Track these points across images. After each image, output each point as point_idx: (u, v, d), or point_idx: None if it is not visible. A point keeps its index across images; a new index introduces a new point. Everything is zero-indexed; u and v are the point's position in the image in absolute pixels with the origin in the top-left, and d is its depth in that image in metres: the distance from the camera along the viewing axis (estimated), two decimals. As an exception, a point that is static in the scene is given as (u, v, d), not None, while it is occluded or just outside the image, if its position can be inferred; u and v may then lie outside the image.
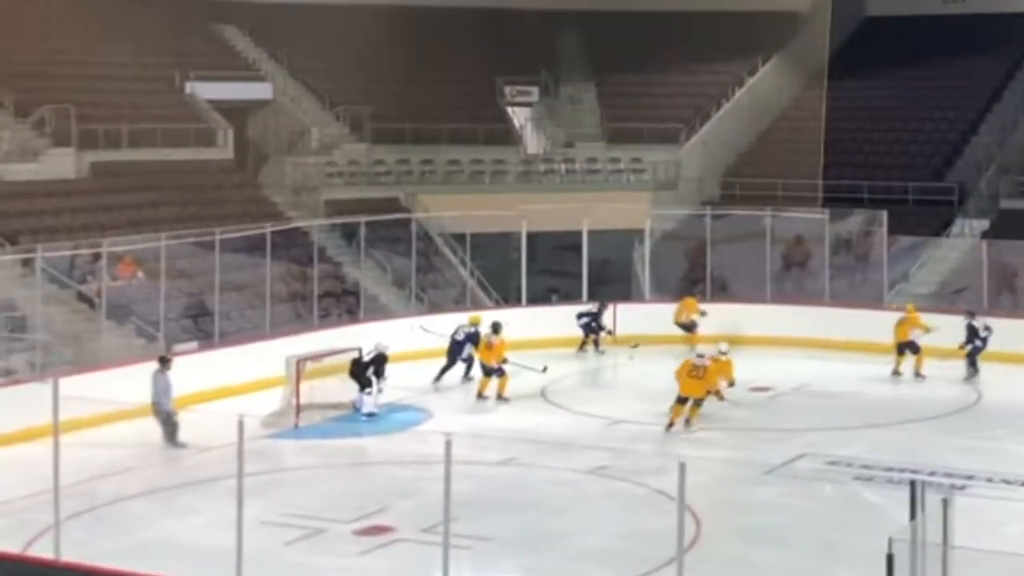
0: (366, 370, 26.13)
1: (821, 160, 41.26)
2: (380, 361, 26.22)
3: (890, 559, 12.28)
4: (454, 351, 28.69)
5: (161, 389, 23.90)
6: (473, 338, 28.64)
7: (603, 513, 20.06)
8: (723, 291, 36.38)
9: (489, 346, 27.44)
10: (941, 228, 38.17)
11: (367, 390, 26.02)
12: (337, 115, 41.06)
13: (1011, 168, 40.30)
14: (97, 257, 29.13)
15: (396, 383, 27.04)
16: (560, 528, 19.14)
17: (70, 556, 16.65)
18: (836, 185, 40.09)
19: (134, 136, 35.64)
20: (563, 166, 41.57)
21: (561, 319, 32.78)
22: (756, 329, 32.64)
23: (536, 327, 32.13)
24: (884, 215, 34.99)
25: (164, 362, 24.45)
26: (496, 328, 27.82)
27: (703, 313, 32.66)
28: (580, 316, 32.70)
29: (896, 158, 42.04)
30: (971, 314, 29.32)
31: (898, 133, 43.07)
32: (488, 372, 27.31)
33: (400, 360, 28.12)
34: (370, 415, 25.85)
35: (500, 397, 27.02)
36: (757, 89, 45.19)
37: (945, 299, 34.41)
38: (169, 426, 23.78)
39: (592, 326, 32.61)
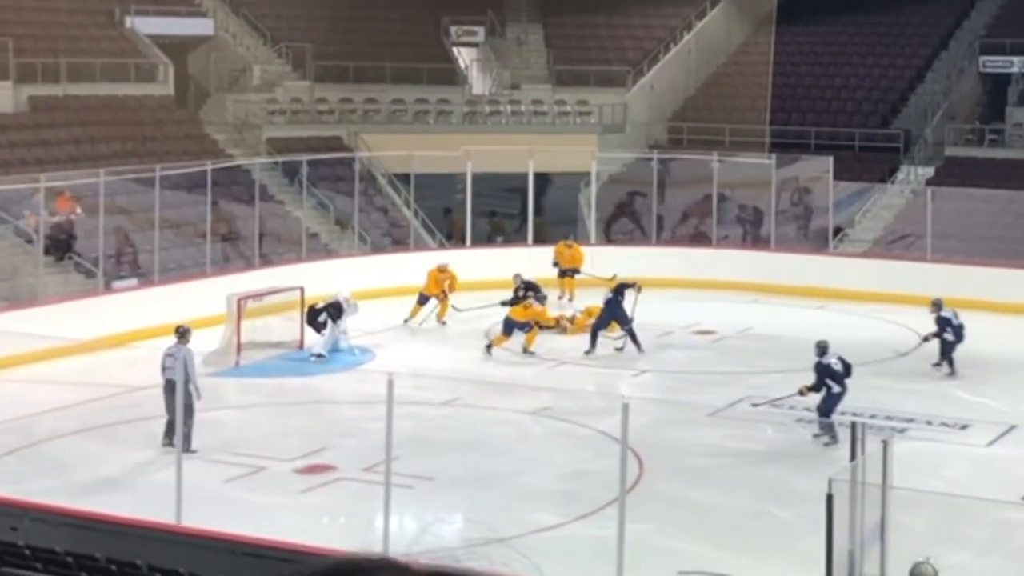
0: (318, 316, 25.90)
1: (768, 105, 41.23)
2: (334, 308, 25.95)
3: (830, 499, 12.34)
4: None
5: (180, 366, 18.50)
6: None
7: (546, 454, 20.07)
8: (667, 235, 36.35)
9: (526, 307, 26.71)
10: (887, 175, 38.25)
11: (322, 333, 25.82)
12: (279, 52, 40.59)
13: (956, 116, 40.42)
14: (35, 192, 28.71)
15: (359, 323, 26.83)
16: (503, 468, 19.11)
17: (6, 491, 16.60)
18: (783, 131, 40.07)
19: (73, 70, 35.07)
20: (509, 107, 41.31)
21: (503, 260, 32.63)
22: (702, 273, 32.69)
23: (479, 268, 31.97)
24: (830, 161, 35.01)
25: (183, 335, 20.37)
26: (540, 299, 27.80)
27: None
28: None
29: (843, 104, 42.06)
30: (938, 305, 25.12)
31: (845, 79, 43.06)
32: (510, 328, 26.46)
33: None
34: (318, 356, 25.64)
35: (526, 351, 26.34)
36: (705, 33, 45.02)
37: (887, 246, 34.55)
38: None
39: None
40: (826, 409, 20.59)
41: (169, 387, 19.00)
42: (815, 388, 20.67)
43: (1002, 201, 34.30)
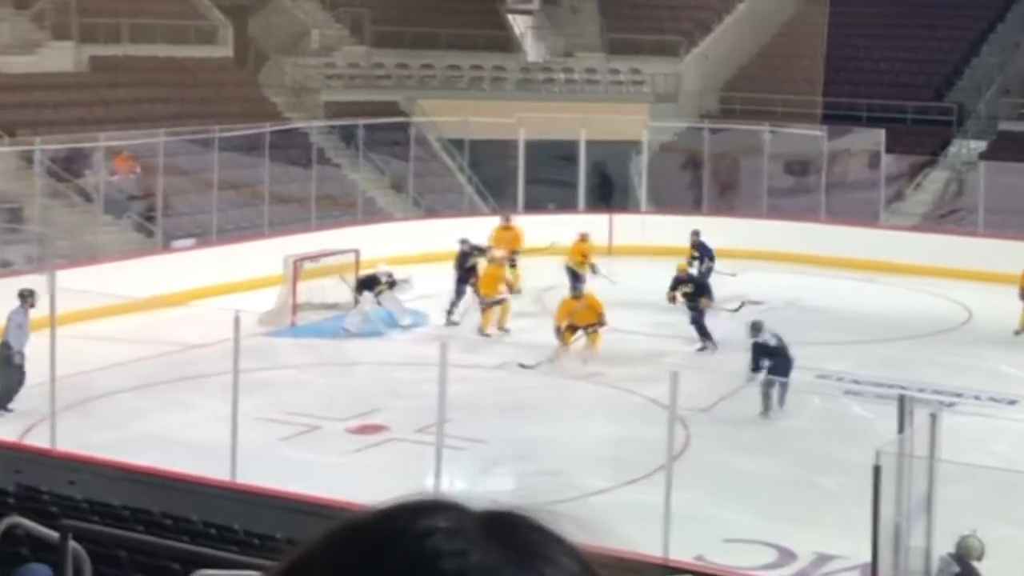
0: (360, 287, 26.08)
1: (821, 77, 41.11)
2: (370, 281, 25.94)
3: (877, 470, 12.41)
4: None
5: (14, 326, 20.35)
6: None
7: (595, 419, 20.29)
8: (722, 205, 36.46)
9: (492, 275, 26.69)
10: (939, 148, 38.17)
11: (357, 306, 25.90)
12: (337, 17, 40.84)
13: (1011, 90, 40.22)
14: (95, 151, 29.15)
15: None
16: (552, 433, 19.34)
17: (65, 446, 16.92)
18: (835, 103, 39.99)
19: (134, 31, 35.44)
20: (562, 75, 41.44)
21: (556, 228, 32.85)
22: (750, 244, 32.78)
23: (532, 235, 32.18)
24: (882, 134, 34.98)
25: (24, 297, 20.64)
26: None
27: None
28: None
29: (896, 76, 41.89)
30: None
31: (899, 52, 42.86)
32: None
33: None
34: (345, 331, 25.32)
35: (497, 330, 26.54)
36: (759, 3, 44.91)
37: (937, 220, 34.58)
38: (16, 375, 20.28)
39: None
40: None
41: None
42: (754, 369, 20.81)
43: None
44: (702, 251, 29.11)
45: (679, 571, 13.12)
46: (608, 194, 37.81)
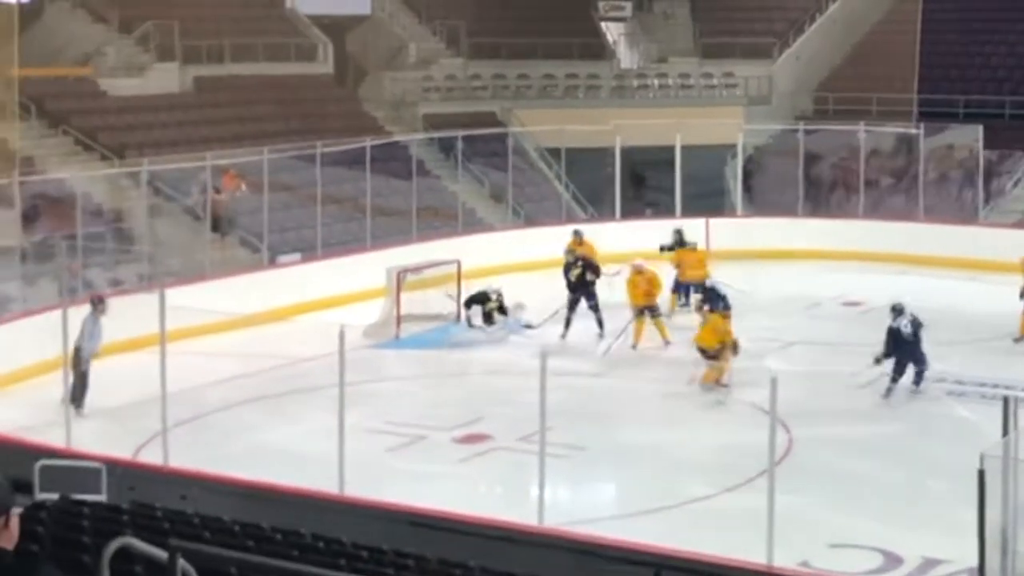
0: (469, 303, 26.36)
1: (916, 74, 40.89)
2: (474, 298, 26.30)
3: (981, 474, 12.28)
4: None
5: (87, 333, 21.11)
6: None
7: (695, 425, 20.38)
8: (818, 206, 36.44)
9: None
10: (1039, 144, 37.87)
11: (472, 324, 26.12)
12: (434, 30, 41.34)
13: (1111, 83, 39.87)
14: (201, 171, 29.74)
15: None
16: (653, 440, 19.48)
17: (177, 462, 17.21)
18: (931, 99, 39.79)
19: (236, 51, 36.11)
20: (656, 81, 41.63)
21: (655, 233, 33.03)
22: (848, 244, 32.72)
23: (630, 241, 32.37)
24: (980, 130, 34.78)
25: (95, 304, 21.58)
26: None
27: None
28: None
29: (993, 71, 41.56)
30: None
31: (995, 46, 42.54)
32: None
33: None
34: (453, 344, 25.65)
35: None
36: (851, 1, 44.81)
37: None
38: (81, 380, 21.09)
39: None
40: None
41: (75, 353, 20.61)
42: (885, 355, 21.06)
43: None
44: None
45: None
46: (641, 194, 37.95)
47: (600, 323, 25.46)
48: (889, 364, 21.23)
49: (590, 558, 13.61)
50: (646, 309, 25.01)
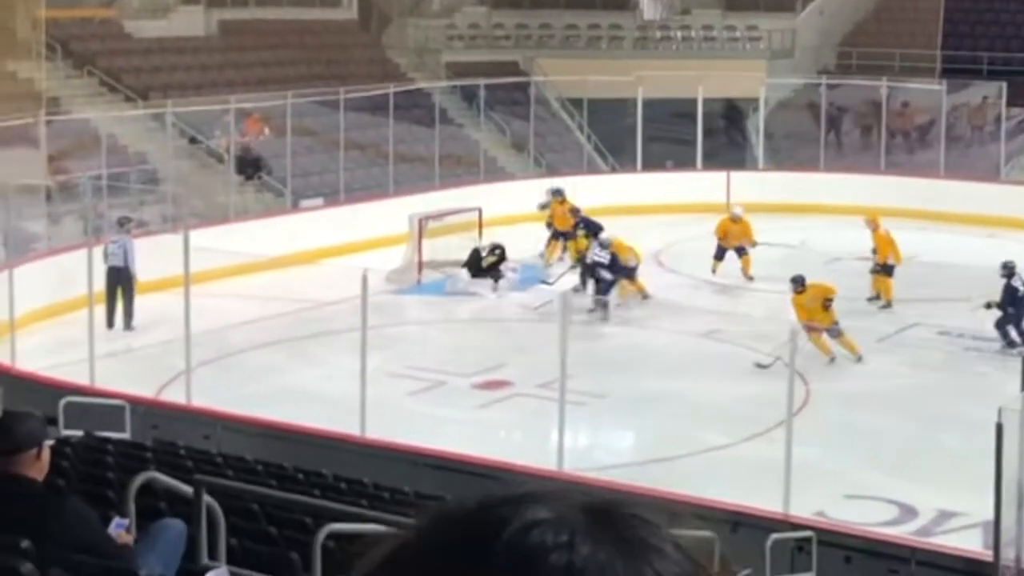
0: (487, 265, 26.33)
1: (939, 30, 40.74)
2: (468, 263, 26.27)
3: (999, 428, 12.38)
4: None
5: (132, 253, 22.52)
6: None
7: (714, 375, 20.50)
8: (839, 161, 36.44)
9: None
10: (1061, 101, 37.75)
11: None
12: (458, -23, 41.29)
13: None
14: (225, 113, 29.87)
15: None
16: (672, 389, 19.60)
17: (200, 400, 17.45)
18: (954, 56, 39.66)
19: (261, -6, 36.17)
20: (679, 33, 41.50)
21: (675, 185, 33.15)
22: (868, 200, 32.71)
23: (650, 193, 32.50)
24: (1003, 86, 34.71)
25: (122, 224, 23.16)
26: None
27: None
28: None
29: (1017, 28, 41.37)
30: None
31: (1020, 3, 42.33)
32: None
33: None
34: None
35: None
36: (876, -44, 44.62)
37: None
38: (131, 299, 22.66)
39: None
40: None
41: (111, 273, 21.99)
42: (1000, 306, 21.26)
43: None
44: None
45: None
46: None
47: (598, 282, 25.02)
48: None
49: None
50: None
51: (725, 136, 38.32)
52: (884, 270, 24.76)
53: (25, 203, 25.42)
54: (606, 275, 23.84)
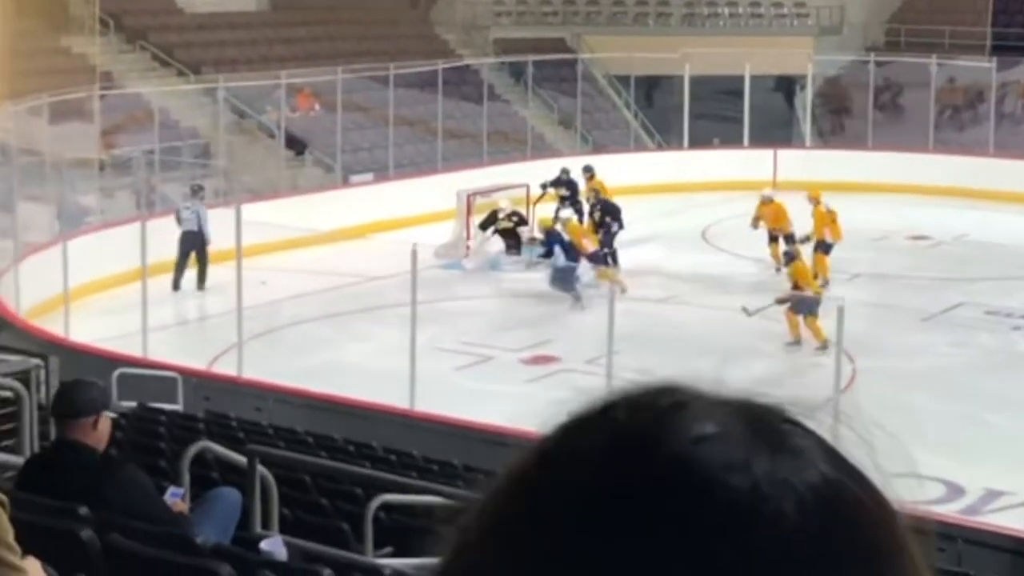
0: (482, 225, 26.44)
1: (989, 7, 40.53)
2: (484, 224, 26.41)
3: None
4: None
5: (205, 218, 23.33)
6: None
7: (759, 352, 20.56)
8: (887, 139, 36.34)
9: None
10: (1112, 79, 37.51)
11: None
12: (506, -47, 41.32)
13: None
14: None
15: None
16: (718, 366, 19.63)
17: (251, 373, 17.64)
18: (1004, 33, 39.43)
19: (314, -30, 36.27)
20: (726, 10, 41.43)
21: (722, 163, 33.15)
22: (916, 178, 32.66)
23: (697, 170, 32.53)
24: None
25: (195, 191, 24.24)
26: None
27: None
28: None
29: (1069, 6, 41.15)
30: None
31: (1071, -20, 42.07)
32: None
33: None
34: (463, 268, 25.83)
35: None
36: (928, -68, 44.35)
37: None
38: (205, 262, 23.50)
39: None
40: None
41: (186, 237, 22.94)
42: None
43: None
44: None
45: None
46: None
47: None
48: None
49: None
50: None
51: (786, 104, 38.04)
52: (821, 248, 24.42)
53: (79, 177, 25.73)
54: (562, 259, 23.66)
